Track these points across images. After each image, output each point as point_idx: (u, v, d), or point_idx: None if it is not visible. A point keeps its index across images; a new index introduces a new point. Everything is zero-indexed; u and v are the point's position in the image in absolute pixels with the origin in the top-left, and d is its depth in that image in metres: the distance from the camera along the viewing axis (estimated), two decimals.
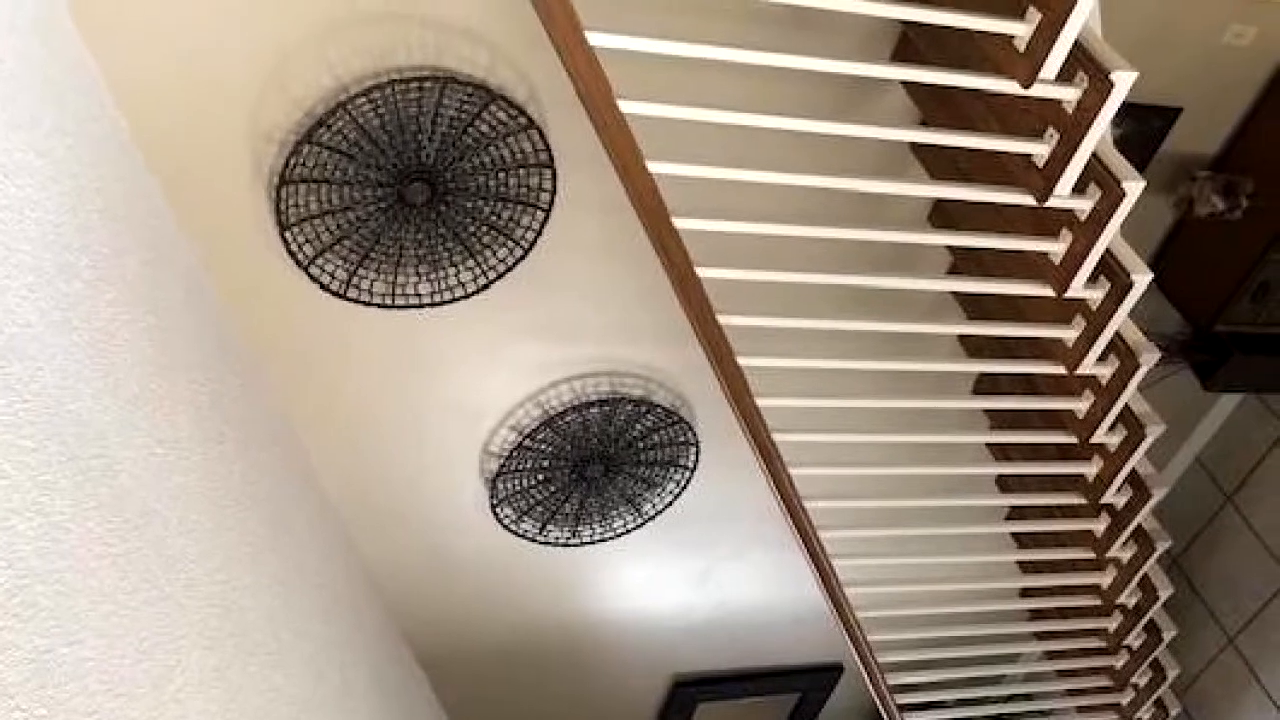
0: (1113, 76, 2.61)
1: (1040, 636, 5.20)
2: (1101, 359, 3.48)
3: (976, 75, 2.82)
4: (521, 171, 3.67)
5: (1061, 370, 3.55)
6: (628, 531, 5.36)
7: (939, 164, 3.83)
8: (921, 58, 3.46)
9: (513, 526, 5.09)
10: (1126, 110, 2.83)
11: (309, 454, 4.52)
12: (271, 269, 3.70)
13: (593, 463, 4.86)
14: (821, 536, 4.04)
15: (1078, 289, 3.19)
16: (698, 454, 5.06)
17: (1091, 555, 4.40)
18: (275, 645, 3.23)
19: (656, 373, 4.71)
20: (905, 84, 3.73)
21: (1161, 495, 4.01)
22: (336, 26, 3.24)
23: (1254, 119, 5.19)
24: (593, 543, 5.36)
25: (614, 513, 5.23)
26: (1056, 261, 3.17)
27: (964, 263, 4.10)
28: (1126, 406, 3.67)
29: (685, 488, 5.22)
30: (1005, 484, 4.75)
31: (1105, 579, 4.58)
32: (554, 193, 3.75)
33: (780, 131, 2.75)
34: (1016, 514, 4.80)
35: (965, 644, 5.04)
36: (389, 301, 3.90)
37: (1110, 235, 3.00)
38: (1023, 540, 4.83)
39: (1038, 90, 2.71)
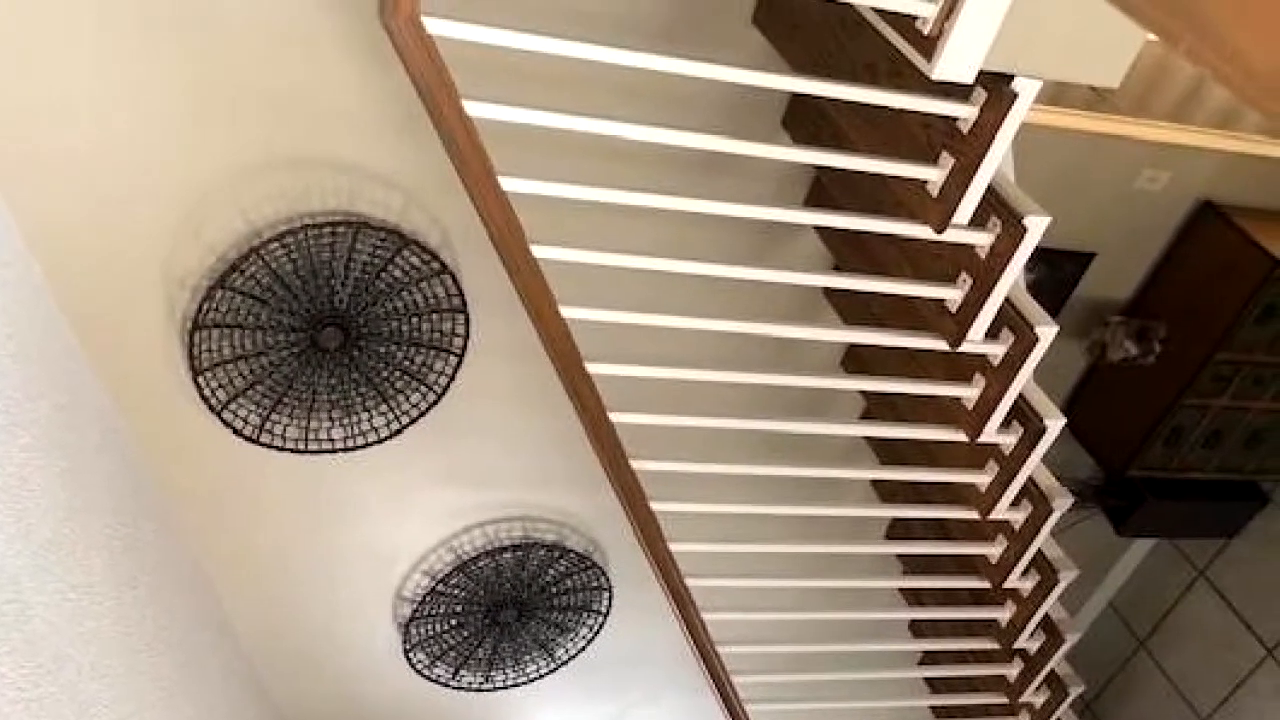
0: (1025, 221, 2.64)
1: None
2: (1014, 504, 3.49)
3: (889, 220, 2.84)
4: (434, 316, 3.67)
5: (974, 515, 3.56)
6: (541, 676, 5.31)
7: (852, 308, 3.86)
8: (835, 202, 3.50)
9: (426, 672, 5.03)
10: (1040, 255, 2.86)
11: (222, 598, 4.46)
12: (185, 414, 3.68)
13: (506, 608, 4.83)
14: (735, 681, 4.02)
15: (990, 434, 3.20)
16: (611, 599, 5.03)
17: (1005, 700, 4.39)
18: None
19: (570, 518, 4.69)
20: (819, 228, 3.77)
21: (1074, 640, 4.02)
22: (249, 171, 3.25)
23: (1167, 264, 5.28)
24: (506, 688, 5.31)
25: (527, 658, 5.18)
26: (969, 406, 3.19)
27: (877, 407, 4.12)
28: (1039, 552, 3.68)
29: (598, 632, 5.18)
30: (919, 629, 4.74)
31: None
32: (467, 338, 3.76)
33: (694, 275, 2.76)
34: (930, 659, 4.79)
35: None
36: (302, 446, 3.87)
37: (1023, 380, 3.01)
38: (936, 685, 4.81)
39: (951, 235, 2.71)
